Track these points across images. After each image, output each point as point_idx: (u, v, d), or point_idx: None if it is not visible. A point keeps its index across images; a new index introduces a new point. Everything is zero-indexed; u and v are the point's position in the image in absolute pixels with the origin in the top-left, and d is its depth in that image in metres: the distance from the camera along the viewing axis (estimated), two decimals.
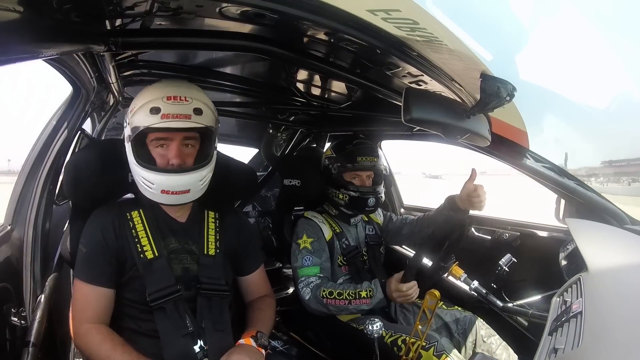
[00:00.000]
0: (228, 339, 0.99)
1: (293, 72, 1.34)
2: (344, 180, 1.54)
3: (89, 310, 0.95)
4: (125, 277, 0.98)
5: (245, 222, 1.22)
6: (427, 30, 0.66)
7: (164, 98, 0.91)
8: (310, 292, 1.39)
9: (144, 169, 0.93)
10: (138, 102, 0.94)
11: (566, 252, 1.35)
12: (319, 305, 1.38)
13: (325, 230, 1.53)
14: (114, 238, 0.98)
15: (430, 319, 1.11)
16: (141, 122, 0.91)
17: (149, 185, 0.93)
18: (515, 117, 1.37)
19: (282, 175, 1.82)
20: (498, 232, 1.82)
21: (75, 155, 1.06)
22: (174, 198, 0.95)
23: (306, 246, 1.47)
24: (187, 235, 1.05)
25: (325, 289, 1.37)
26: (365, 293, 1.33)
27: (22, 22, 0.51)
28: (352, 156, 1.53)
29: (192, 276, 1.02)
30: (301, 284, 1.42)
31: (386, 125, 1.81)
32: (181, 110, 0.91)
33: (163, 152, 0.95)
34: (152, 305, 0.95)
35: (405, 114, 0.85)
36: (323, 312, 1.39)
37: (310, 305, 1.39)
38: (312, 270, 1.43)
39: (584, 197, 1.40)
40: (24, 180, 1.06)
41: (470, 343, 1.38)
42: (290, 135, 2.26)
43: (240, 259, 1.14)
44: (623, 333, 0.65)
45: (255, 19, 0.70)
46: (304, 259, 1.45)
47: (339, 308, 1.36)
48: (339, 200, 1.54)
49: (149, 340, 0.95)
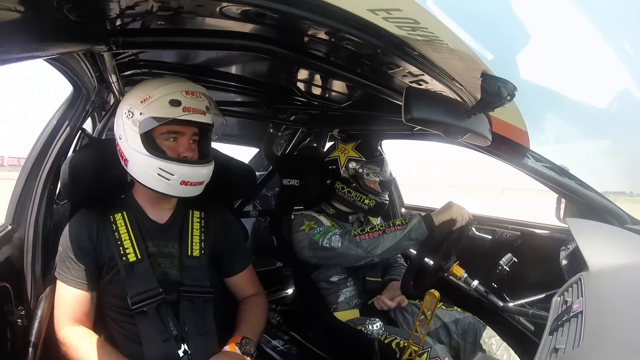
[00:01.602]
0: (212, 343, 0.97)
1: (294, 71, 1.34)
2: (368, 185, 1.55)
3: (66, 313, 0.95)
4: (105, 280, 0.97)
5: (232, 221, 1.20)
6: (428, 29, 0.66)
7: (183, 92, 0.92)
8: (340, 238, 1.35)
9: (162, 160, 0.91)
10: (154, 93, 0.92)
11: (567, 251, 1.35)
12: (352, 246, 1.33)
13: (325, 221, 1.53)
14: (88, 241, 0.97)
15: (429, 320, 1.11)
16: (161, 112, 0.91)
17: (166, 176, 0.91)
18: (516, 116, 1.37)
19: (280, 175, 1.82)
20: (499, 232, 1.82)
21: (73, 156, 1.06)
22: (190, 190, 0.95)
23: (310, 225, 1.46)
24: (165, 236, 1.04)
25: (355, 229, 1.36)
26: (400, 221, 1.30)
27: (23, 22, 0.51)
28: (382, 164, 1.56)
29: (172, 280, 1.00)
30: (324, 241, 1.37)
31: (387, 124, 1.81)
32: (199, 105, 0.94)
33: (173, 145, 0.95)
34: (133, 309, 0.93)
35: (406, 114, 0.85)
36: (356, 255, 1.32)
37: (342, 250, 1.33)
38: (328, 230, 1.42)
39: (584, 196, 1.40)
40: (24, 179, 1.06)
41: (470, 344, 1.37)
42: (291, 135, 2.26)
43: (226, 259, 1.13)
44: (624, 333, 0.65)
45: (256, 18, 0.69)
46: (315, 232, 1.42)
47: (372, 242, 1.30)
48: (363, 205, 1.53)
49: (133, 344, 0.95)
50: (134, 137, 0.93)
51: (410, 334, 1.14)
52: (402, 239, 1.27)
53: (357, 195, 1.54)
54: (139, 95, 0.94)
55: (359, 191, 1.54)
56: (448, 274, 1.37)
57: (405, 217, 1.32)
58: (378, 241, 1.29)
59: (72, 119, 1.12)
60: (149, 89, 0.94)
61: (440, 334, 1.40)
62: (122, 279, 0.96)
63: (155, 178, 0.93)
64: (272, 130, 2.29)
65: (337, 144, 1.65)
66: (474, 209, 1.44)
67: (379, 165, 1.55)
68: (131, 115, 0.93)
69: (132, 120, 0.93)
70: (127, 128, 0.94)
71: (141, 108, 0.92)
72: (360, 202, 1.54)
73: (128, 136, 0.94)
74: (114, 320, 0.98)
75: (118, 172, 1.09)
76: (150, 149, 0.92)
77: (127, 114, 0.94)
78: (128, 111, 0.94)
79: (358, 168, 1.55)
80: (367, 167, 1.54)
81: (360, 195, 1.54)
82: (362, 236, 1.32)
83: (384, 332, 1.28)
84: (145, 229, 1.03)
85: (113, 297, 0.98)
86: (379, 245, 1.29)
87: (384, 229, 1.30)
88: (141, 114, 0.92)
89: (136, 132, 0.92)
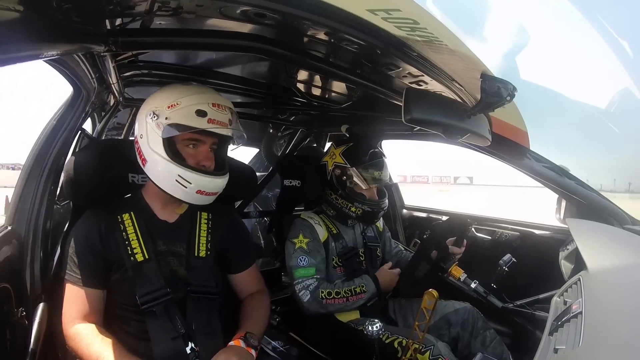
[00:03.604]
0: (218, 340, 0.99)
1: (293, 72, 1.34)
2: (356, 192, 1.50)
3: (77, 310, 0.95)
4: (113, 278, 0.99)
5: (238, 221, 1.23)
6: (428, 30, 0.66)
7: (209, 104, 0.95)
8: (310, 294, 1.38)
9: (182, 167, 0.94)
10: (182, 101, 0.94)
11: (566, 252, 1.35)
12: (319, 306, 1.37)
13: (320, 232, 1.52)
14: (98, 241, 0.98)
15: (428, 319, 1.11)
16: (186, 121, 0.93)
17: (184, 184, 0.94)
18: (516, 117, 1.37)
19: (282, 176, 1.82)
20: (498, 232, 1.82)
21: (74, 156, 1.06)
22: (205, 199, 0.98)
23: (302, 246, 1.46)
24: (175, 236, 1.05)
25: (323, 290, 1.37)
26: (359, 288, 1.37)
27: (23, 22, 0.51)
28: (371, 171, 1.49)
29: (179, 278, 1.02)
30: (298, 286, 1.41)
31: (386, 125, 1.81)
32: (223, 118, 0.96)
33: (193, 153, 0.98)
34: (142, 309, 0.95)
35: (406, 114, 0.85)
36: (322, 312, 1.39)
37: (309, 308, 1.39)
38: (308, 272, 1.42)
39: (584, 197, 1.40)
40: (24, 180, 1.06)
41: (468, 334, 1.38)
42: (291, 135, 2.26)
43: (232, 257, 1.15)
44: (623, 333, 0.65)
45: (256, 18, 0.69)
46: (299, 259, 1.44)
47: (338, 307, 1.36)
48: (350, 212, 1.50)
49: (140, 342, 0.96)
50: (156, 139, 0.94)
51: (411, 333, 1.15)
52: (361, 305, 1.41)
53: (344, 203, 1.51)
54: (167, 99, 0.96)
55: (346, 198, 1.50)
56: (447, 274, 1.37)
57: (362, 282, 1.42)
58: (342, 306, 1.40)
59: (72, 119, 1.12)
60: (178, 95, 0.95)
61: (441, 327, 1.41)
62: (130, 279, 0.98)
63: (172, 184, 0.95)
64: (271, 131, 2.29)
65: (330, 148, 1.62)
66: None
67: (369, 171, 1.49)
68: (156, 117, 0.94)
69: (156, 122, 0.94)
70: (149, 129, 0.95)
71: (167, 113, 0.94)
72: (347, 210, 1.50)
73: (150, 137, 0.95)
74: (120, 317, 0.99)
75: (119, 173, 1.10)
76: (171, 153, 0.94)
77: (152, 116, 0.95)
78: (153, 113, 0.95)
79: (342, 175, 1.51)
80: (354, 174, 1.49)
81: (346, 203, 1.50)
82: (328, 300, 1.38)
83: (385, 332, 1.28)
84: (155, 228, 1.04)
85: (121, 295, 0.99)
86: (343, 309, 1.41)
87: (348, 297, 1.38)
88: (167, 118, 0.93)
89: (159, 135, 0.94)
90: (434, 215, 2.34)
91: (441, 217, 2.24)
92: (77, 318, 0.95)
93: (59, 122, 1.11)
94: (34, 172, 1.06)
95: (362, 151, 1.51)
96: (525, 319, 1.43)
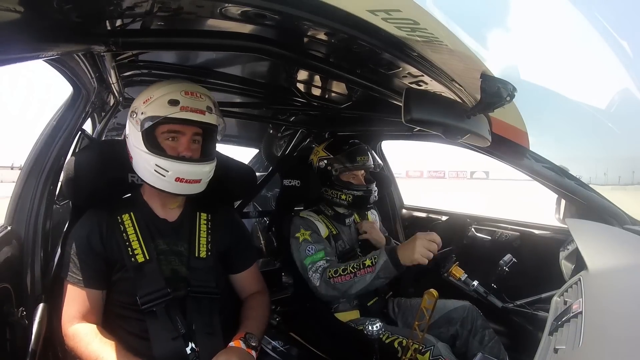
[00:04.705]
0: (218, 341, 0.99)
1: (293, 72, 1.34)
2: (343, 181, 1.55)
3: (77, 310, 0.96)
4: (114, 278, 0.99)
5: (238, 221, 1.23)
6: (428, 30, 0.66)
7: (182, 92, 0.95)
8: (320, 276, 1.37)
9: (158, 157, 0.95)
10: (155, 94, 0.96)
11: (566, 252, 1.35)
12: (328, 287, 1.34)
13: (321, 228, 1.53)
14: (99, 241, 0.99)
15: (428, 319, 1.11)
16: (159, 111, 0.94)
17: (162, 172, 0.95)
18: (516, 117, 1.37)
19: (281, 175, 1.82)
20: (498, 233, 1.82)
21: (75, 156, 1.07)
22: (186, 187, 0.97)
23: (305, 238, 1.47)
24: (176, 235, 1.06)
25: (330, 269, 1.35)
26: (370, 261, 1.28)
27: (23, 22, 0.51)
28: (352, 156, 1.55)
29: (181, 277, 1.02)
30: (310, 272, 1.40)
31: (386, 125, 1.81)
32: (197, 105, 0.96)
33: (173, 145, 0.98)
34: (143, 309, 0.95)
35: (406, 115, 0.85)
36: (334, 295, 1.35)
37: (320, 290, 1.36)
38: (317, 256, 1.42)
39: (584, 197, 1.40)
40: (24, 180, 1.06)
41: (467, 332, 1.39)
42: (291, 136, 2.26)
43: (232, 257, 1.15)
44: (623, 333, 0.65)
45: (256, 19, 0.69)
46: (307, 249, 1.44)
47: (345, 285, 1.30)
48: (341, 201, 1.55)
49: (140, 341, 0.96)
50: (136, 135, 0.96)
51: (411, 333, 1.15)
52: (373, 281, 1.27)
53: (334, 193, 1.56)
54: (143, 96, 0.98)
55: (334, 188, 1.56)
56: (448, 274, 1.37)
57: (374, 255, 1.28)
58: (350, 284, 1.30)
59: (71, 119, 1.12)
60: (152, 90, 0.98)
61: (441, 324, 1.41)
62: (130, 278, 0.98)
63: (152, 174, 0.96)
64: (271, 131, 2.29)
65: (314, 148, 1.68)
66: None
67: (350, 158, 1.55)
68: (135, 115, 0.98)
69: (135, 120, 0.97)
70: (131, 127, 0.99)
71: (143, 108, 0.96)
72: (338, 199, 1.56)
73: (132, 136, 0.98)
74: (121, 316, 1.00)
75: (119, 173, 1.10)
76: (150, 146, 0.96)
77: (132, 115, 0.99)
78: (133, 112, 0.99)
79: (327, 166, 1.57)
80: (336, 162, 1.55)
81: (335, 192, 1.56)
82: (335, 279, 1.32)
83: (385, 332, 1.28)
84: (155, 227, 1.05)
85: (122, 294, 0.99)
86: (352, 287, 1.30)
87: (355, 272, 1.29)
88: (142, 113, 0.96)
89: (138, 131, 0.96)
90: (433, 215, 2.34)
91: (441, 217, 2.24)
92: (77, 318, 0.95)
93: (59, 122, 1.11)
94: (33, 172, 1.06)
95: (342, 142, 1.62)
96: (525, 319, 1.42)
